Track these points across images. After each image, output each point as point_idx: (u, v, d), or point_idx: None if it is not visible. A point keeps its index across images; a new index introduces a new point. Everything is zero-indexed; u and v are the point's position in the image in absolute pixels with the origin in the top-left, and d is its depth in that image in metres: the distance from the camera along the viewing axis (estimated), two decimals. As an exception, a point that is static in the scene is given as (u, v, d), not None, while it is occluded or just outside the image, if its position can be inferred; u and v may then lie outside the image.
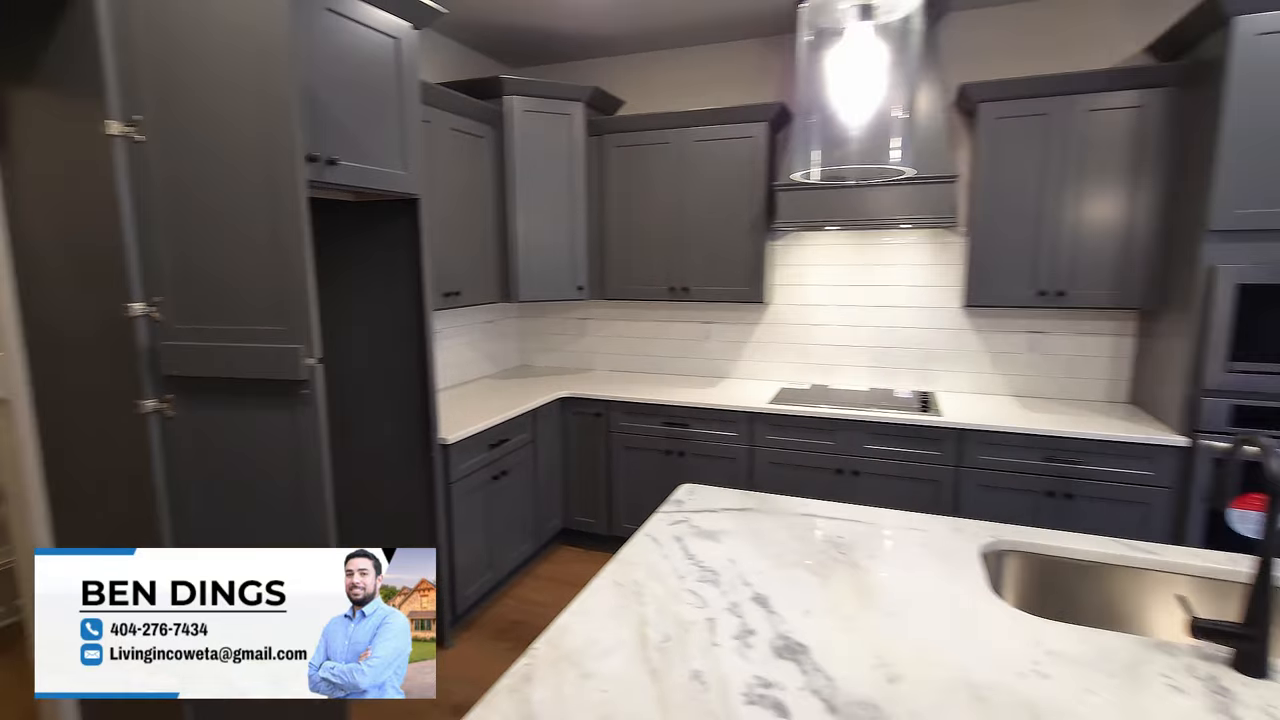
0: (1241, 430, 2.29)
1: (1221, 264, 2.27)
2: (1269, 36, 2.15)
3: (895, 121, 0.97)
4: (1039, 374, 3.05)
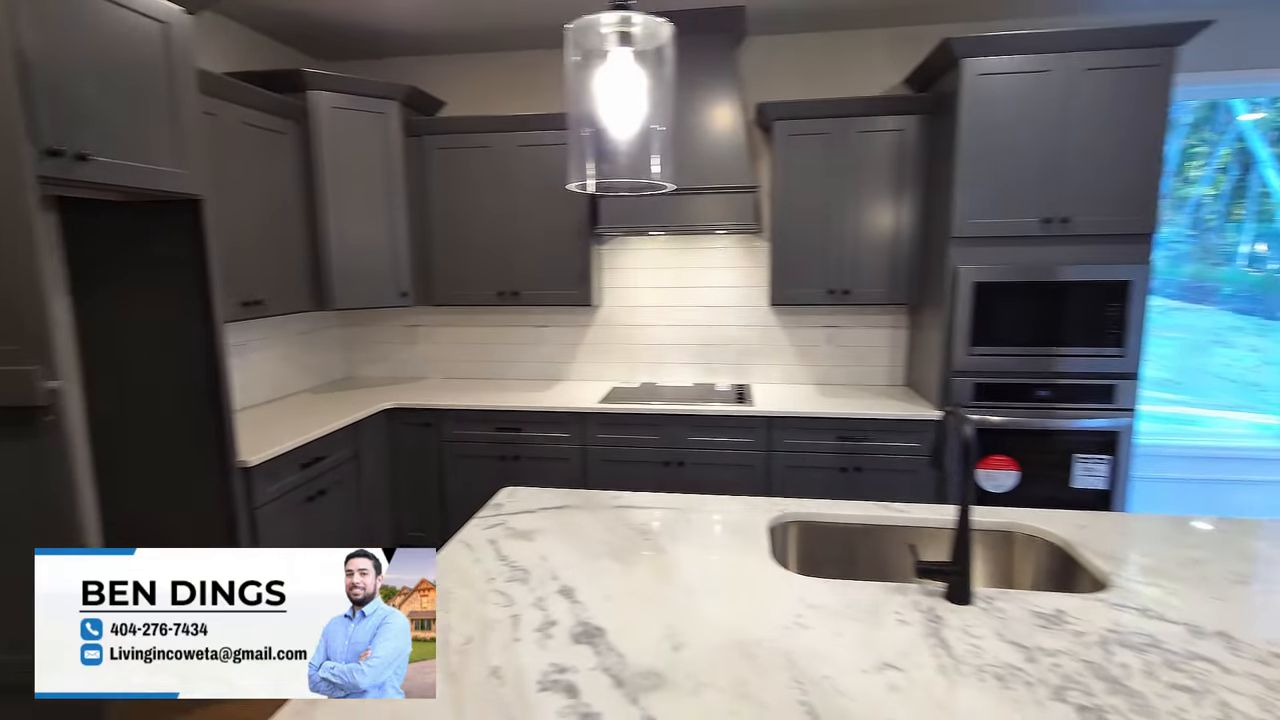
0: (982, 404, 2.76)
1: (962, 265, 2.71)
2: (988, 76, 2.61)
3: (656, 139, 1.06)
4: (835, 364, 3.44)
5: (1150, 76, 2.52)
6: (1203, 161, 3.69)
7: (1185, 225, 3.71)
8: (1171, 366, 3.72)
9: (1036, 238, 2.66)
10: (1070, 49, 2.54)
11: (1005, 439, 2.76)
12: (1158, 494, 3.33)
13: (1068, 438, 2.72)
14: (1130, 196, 2.58)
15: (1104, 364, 2.67)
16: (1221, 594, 1.28)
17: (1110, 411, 2.68)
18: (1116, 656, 1.07)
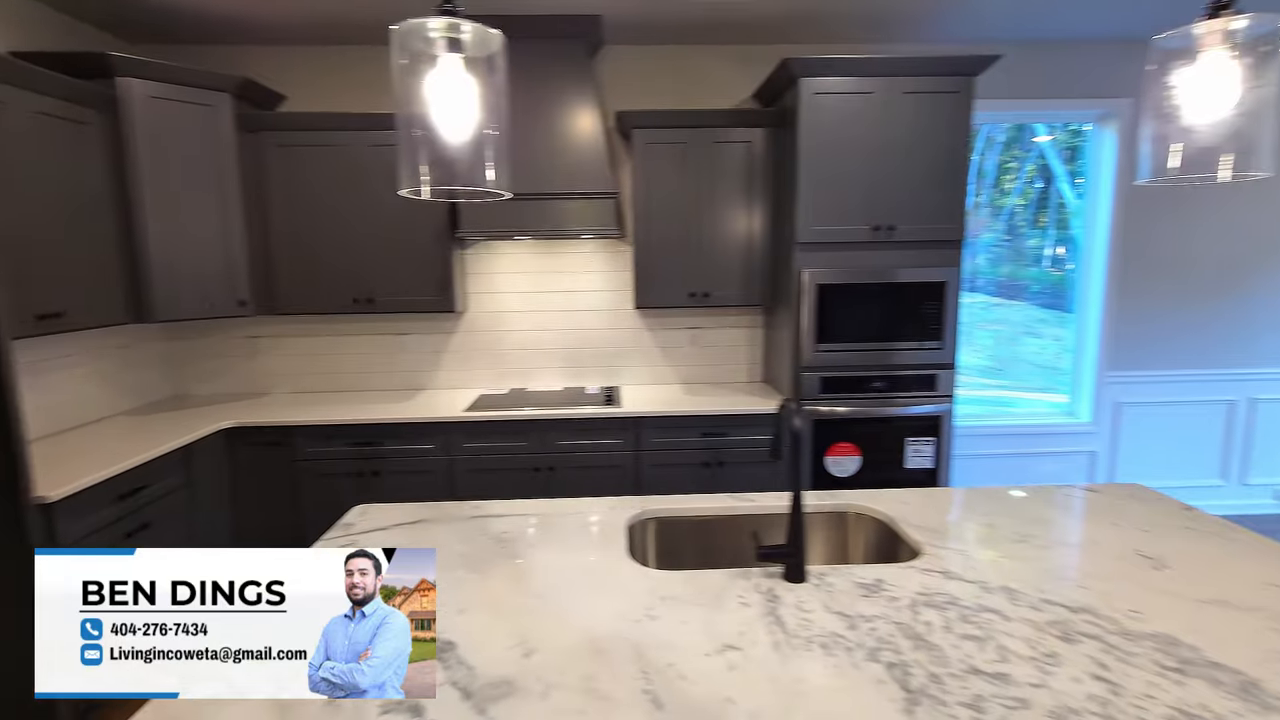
0: (828, 396, 2.99)
1: (806, 269, 2.92)
2: (822, 95, 2.84)
3: (489, 146, 1.06)
4: (699, 363, 3.58)
5: (954, 101, 2.86)
6: (1014, 176, 4.23)
7: (1002, 231, 4.24)
8: (992, 355, 4.23)
9: (868, 243, 2.93)
10: (890, 74, 2.82)
11: (849, 427, 3.01)
12: (976, 469, 3.77)
13: (900, 423, 3.02)
14: (942, 207, 2.91)
15: (927, 356, 2.99)
16: (1008, 553, 1.48)
17: (934, 398, 3.00)
18: (922, 616, 1.21)
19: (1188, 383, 3.78)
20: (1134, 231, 3.65)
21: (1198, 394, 3.80)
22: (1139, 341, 3.75)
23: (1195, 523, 1.62)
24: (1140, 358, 3.76)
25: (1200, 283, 3.71)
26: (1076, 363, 3.87)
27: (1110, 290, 3.70)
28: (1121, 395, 3.79)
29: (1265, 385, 3.80)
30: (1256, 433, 3.84)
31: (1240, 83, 1.10)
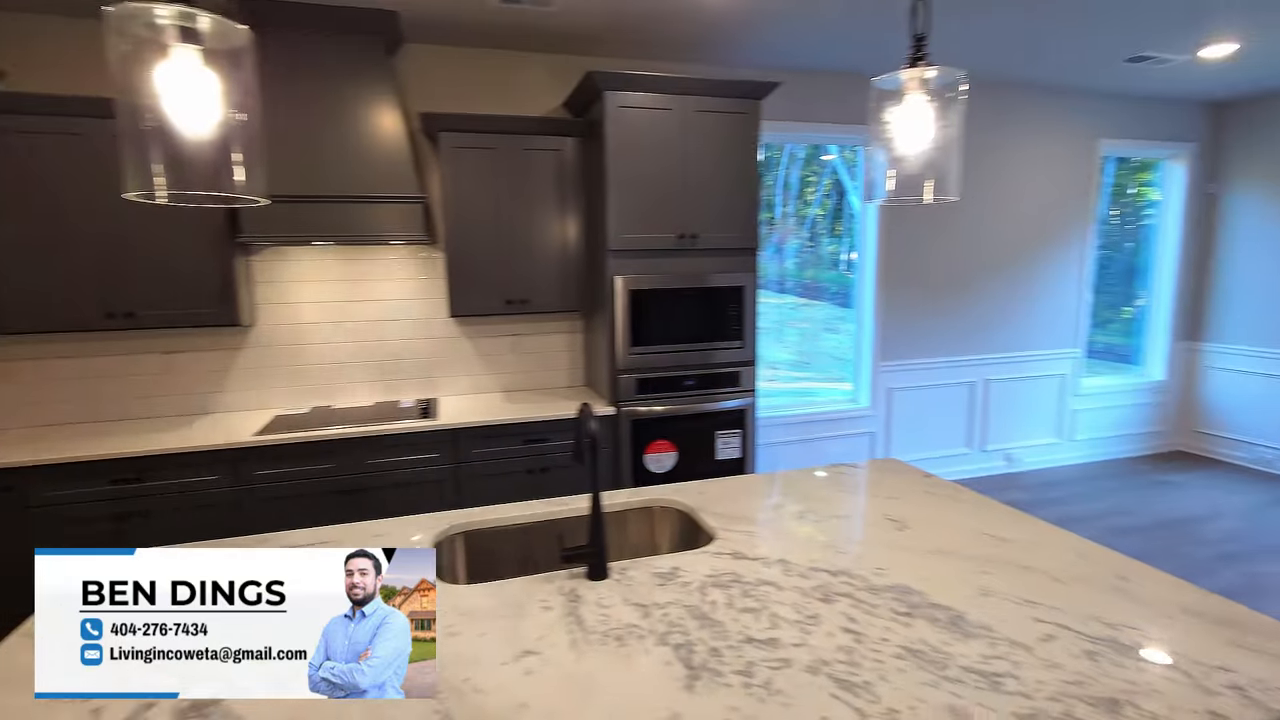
0: (645, 396, 3.12)
1: (618, 275, 3.03)
2: (626, 109, 2.96)
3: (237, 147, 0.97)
4: (521, 370, 3.56)
5: (744, 121, 3.13)
6: (814, 189, 4.69)
7: (806, 238, 4.70)
8: (799, 350, 4.67)
9: (674, 250, 3.11)
10: (687, 92, 3.02)
11: (666, 425, 3.17)
12: (779, 455, 4.16)
13: (711, 419, 3.23)
14: (738, 218, 3.17)
15: (731, 354, 3.23)
16: (787, 529, 1.66)
17: (738, 394, 3.26)
18: (709, 596, 1.31)
19: (939, 369, 4.48)
20: (894, 242, 4.25)
21: (947, 378, 4.52)
22: (902, 336, 4.37)
23: (932, 488, 1.92)
24: (904, 349, 4.39)
25: (943, 285, 4.42)
26: (857, 355, 4.42)
27: (879, 292, 4.27)
28: (892, 382, 4.39)
29: (994, 367, 4.62)
30: (990, 408, 4.65)
31: (933, 122, 1.33)
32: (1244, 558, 3.37)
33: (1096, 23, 3.18)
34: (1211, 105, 4.81)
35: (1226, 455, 4.89)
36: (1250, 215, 4.72)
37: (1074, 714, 0.96)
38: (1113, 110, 4.59)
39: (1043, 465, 4.82)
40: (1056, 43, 3.46)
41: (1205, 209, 4.95)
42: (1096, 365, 5.25)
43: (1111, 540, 3.61)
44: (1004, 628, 1.18)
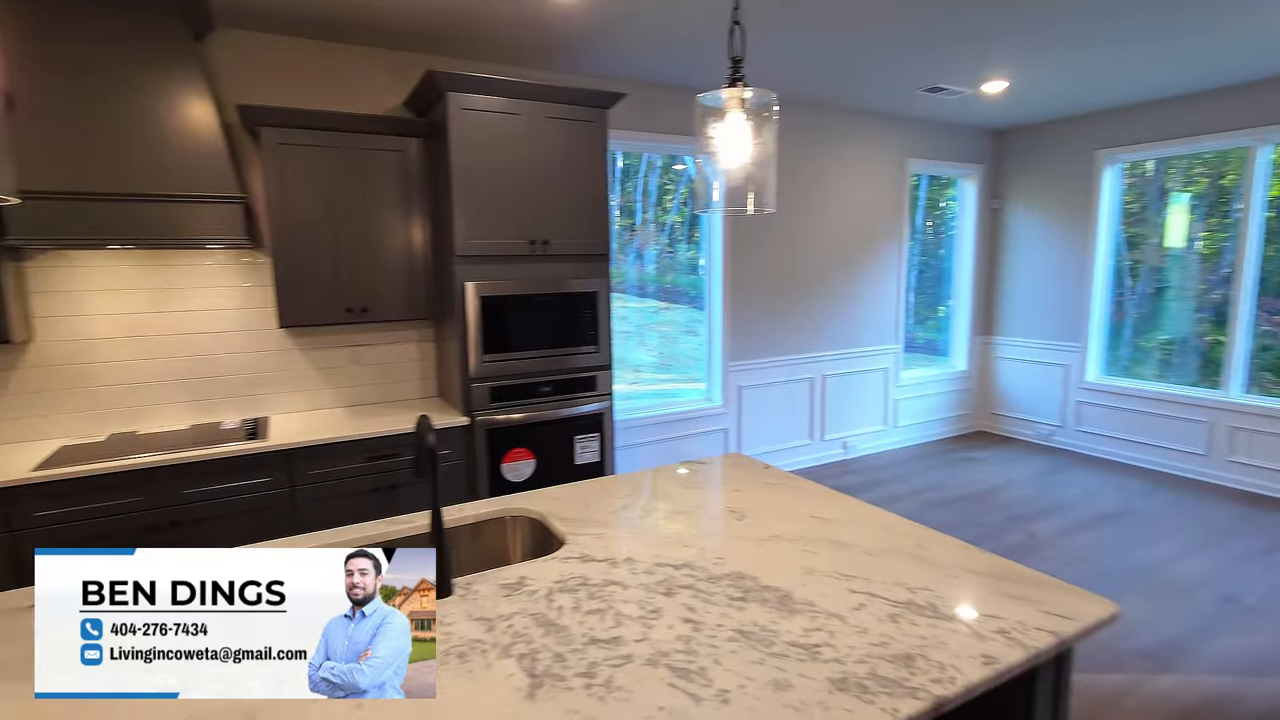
0: (500, 405, 3.06)
1: (468, 281, 2.95)
2: (470, 112, 2.89)
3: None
4: (365, 383, 3.35)
5: (592, 130, 3.17)
6: (672, 195, 4.82)
7: (664, 243, 4.83)
8: (660, 352, 4.80)
9: (526, 257, 3.08)
10: (534, 98, 3.01)
11: (524, 433, 3.13)
12: (639, 455, 4.26)
13: (569, 424, 3.24)
14: (589, 225, 3.21)
15: (586, 359, 3.26)
16: (635, 528, 1.70)
17: (595, 398, 3.30)
18: (556, 601, 1.31)
19: (783, 367, 4.83)
20: (739, 249, 4.51)
21: (790, 375, 4.87)
22: (749, 336, 4.65)
23: (770, 478, 2.06)
24: (751, 349, 4.67)
25: (783, 289, 4.76)
26: (708, 356, 4.64)
27: (727, 296, 4.52)
28: (741, 380, 4.65)
29: (829, 364, 5.05)
30: (828, 401, 5.08)
31: (751, 139, 1.43)
32: (1026, 519, 3.95)
33: (899, 58, 3.59)
34: (994, 132, 5.61)
35: (1016, 433, 5.71)
36: (1024, 226, 5.55)
37: (878, 672, 1.07)
38: (918, 133, 5.20)
39: (873, 450, 5.35)
40: (866, 72, 3.86)
41: (992, 221, 5.76)
42: (918, 358, 5.92)
43: (928, 513, 4.10)
44: (824, 601, 1.29)
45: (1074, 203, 5.16)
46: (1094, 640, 2.62)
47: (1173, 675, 2.46)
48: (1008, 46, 3.47)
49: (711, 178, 1.50)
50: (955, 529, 3.81)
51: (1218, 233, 4.63)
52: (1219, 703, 2.31)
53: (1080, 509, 4.09)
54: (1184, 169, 4.82)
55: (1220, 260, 4.57)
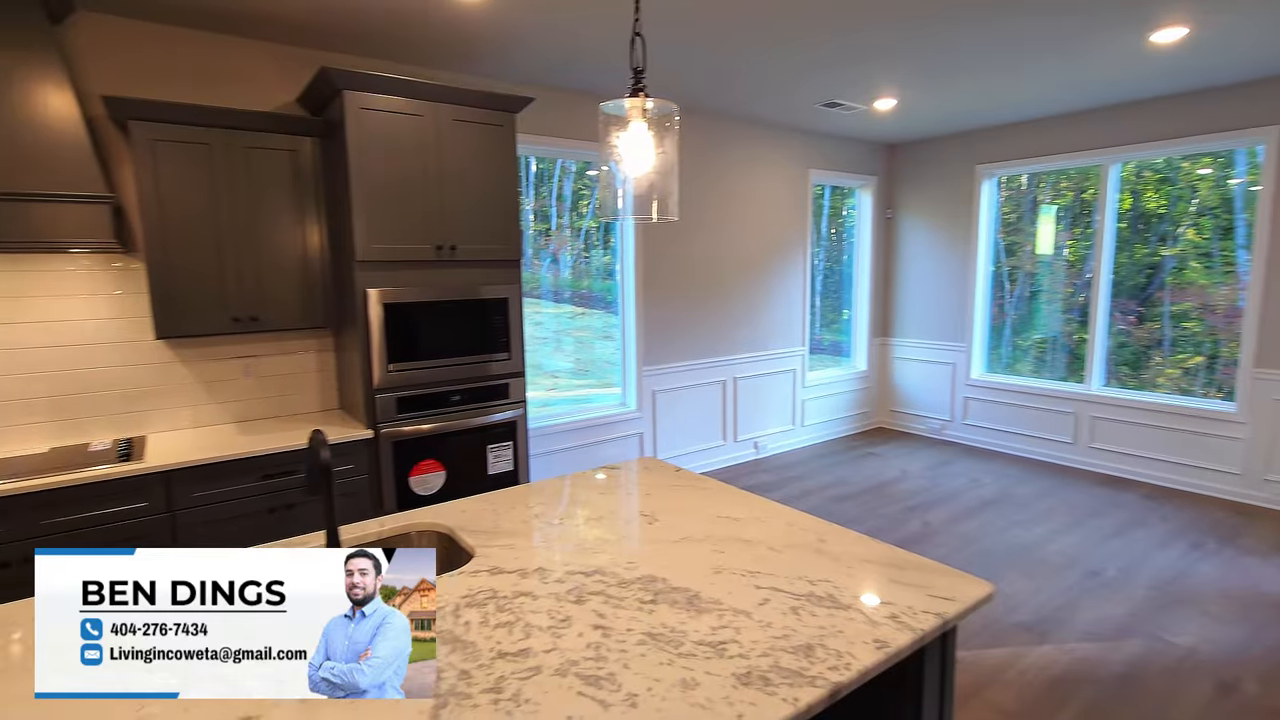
0: (408, 415, 2.95)
1: (371, 288, 2.83)
2: (371, 112, 2.78)
3: None
4: (258, 396, 3.14)
5: (500, 134, 3.13)
6: (588, 200, 4.80)
7: (580, 248, 4.80)
8: (577, 358, 4.77)
9: (433, 262, 2.99)
10: (439, 100, 2.93)
11: (433, 444, 3.03)
12: (554, 463, 4.22)
13: (481, 433, 3.17)
14: (499, 230, 3.16)
15: (499, 366, 3.20)
16: (547, 537, 1.69)
17: (508, 405, 3.24)
18: (463, 617, 1.28)
19: (696, 370, 4.93)
20: (651, 254, 4.57)
21: (703, 378, 4.98)
22: (662, 341, 4.72)
23: (682, 481, 2.10)
24: (664, 353, 4.74)
25: (695, 294, 4.87)
26: (623, 361, 4.67)
27: (640, 301, 4.56)
28: (656, 384, 4.71)
29: (740, 366, 5.20)
30: (739, 402, 5.23)
31: (654, 148, 1.46)
32: (922, 509, 4.22)
33: (798, 77, 3.75)
34: (887, 146, 5.97)
35: (911, 428, 6.08)
36: (915, 235, 5.94)
37: (780, 664, 1.11)
38: (819, 145, 5.47)
39: (783, 449, 5.55)
40: (769, 88, 4.02)
41: (886, 230, 6.12)
42: (825, 360, 6.20)
43: (833, 507, 4.30)
44: (730, 599, 1.33)
45: (957, 213, 5.58)
46: (978, 618, 2.84)
47: (1047, 645, 2.70)
48: (894, 70, 3.71)
49: (616, 185, 1.51)
50: (858, 521, 4.03)
51: (1081, 241, 5.12)
52: (1086, 666, 2.55)
53: (967, 496, 4.41)
54: (1052, 183, 5.31)
55: (1084, 266, 5.07)
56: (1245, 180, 4.32)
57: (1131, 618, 2.90)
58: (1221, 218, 4.56)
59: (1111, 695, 2.39)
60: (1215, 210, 4.59)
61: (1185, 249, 4.73)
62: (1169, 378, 4.82)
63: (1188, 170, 4.68)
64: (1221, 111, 4.12)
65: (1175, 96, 4.28)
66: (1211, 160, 4.50)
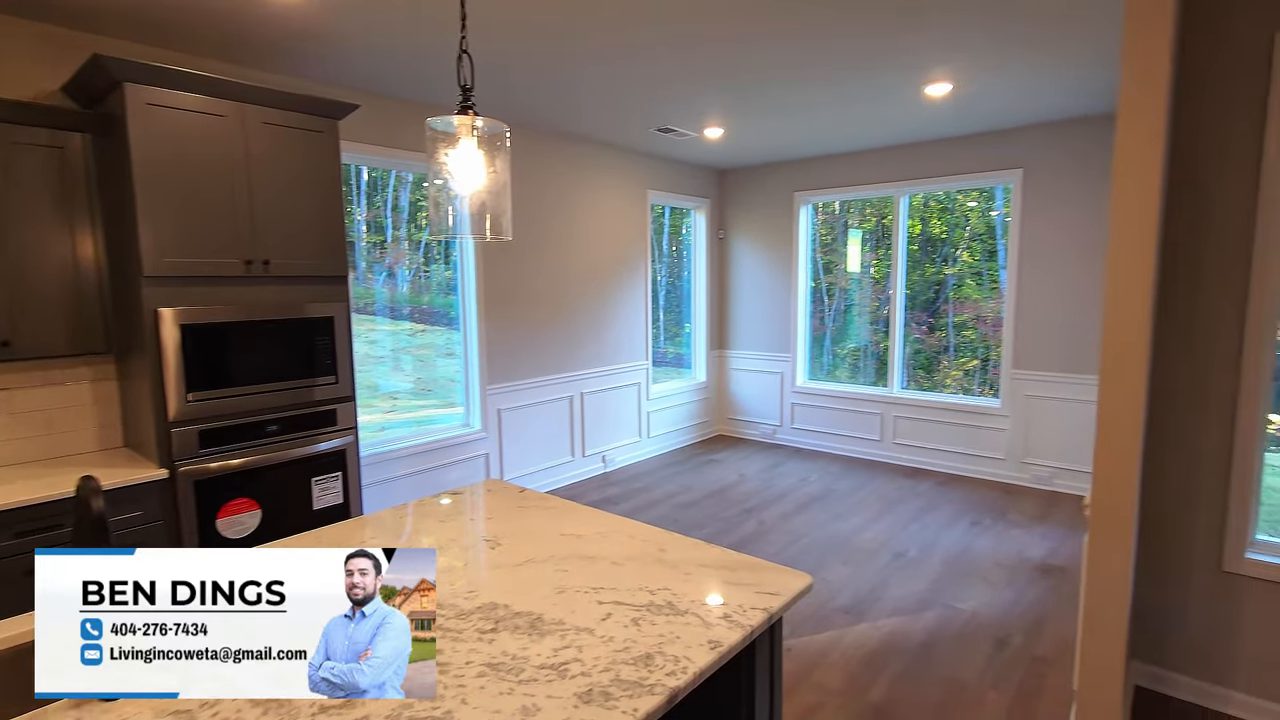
0: (213, 450, 2.62)
1: (163, 307, 2.49)
2: (160, 108, 2.46)
3: None
4: (15, 437, 2.62)
5: (321, 141, 2.91)
6: (426, 211, 4.55)
7: (420, 262, 4.54)
8: (417, 378, 4.50)
9: (243, 278, 2.70)
10: (245, 100, 2.66)
11: (246, 480, 2.71)
12: (392, 491, 3.97)
13: (304, 464, 2.90)
14: (321, 243, 2.92)
15: (324, 391, 2.96)
16: (379, 573, 1.58)
17: (336, 433, 3.00)
18: (278, 673, 1.15)
19: (542, 387, 4.90)
20: (493, 269, 4.49)
21: (549, 395, 4.96)
22: (507, 358, 4.63)
23: (526, 501, 2.07)
24: (509, 371, 4.66)
25: (540, 309, 4.85)
26: (466, 379, 4.51)
27: (483, 317, 4.45)
28: (501, 403, 4.61)
29: (587, 382, 5.26)
30: (586, 417, 5.27)
31: (484, 167, 1.44)
32: (757, 509, 4.53)
33: (632, 103, 3.91)
34: (719, 171, 6.39)
35: (747, 434, 6.51)
36: (745, 254, 6.41)
37: (621, 677, 1.13)
38: (656, 168, 5.71)
39: (630, 461, 5.68)
40: (605, 112, 4.14)
41: (720, 249, 6.54)
42: (669, 372, 6.44)
43: (678, 514, 4.47)
44: (573, 618, 1.33)
45: (780, 235, 6.10)
46: (806, 606, 3.09)
47: (863, 624, 3.01)
48: (717, 106, 4.00)
49: (445, 203, 1.47)
50: (700, 526, 4.22)
51: (883, 261, 5.83)
52: (895, 639, 2.88)
53: (796, 494, 4.81)
54: (859, 210, 6.00)
55: (886, 283, 5.76)
56: (1003, 211, 5.20)
57: (930, 591, 3.32)
58: (987, 243, 5.47)
59: (916, 662, 2.71)
60: (982, 236, 5.49)
61: (962, 268, 5.60)
62: (954, 378, 5.64)
63: (961, 202, 5.55)
64: (983, 155, 4.92)
65: (950, 139, 5.04)
66: (978, 194, 5.37)
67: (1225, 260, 2.25)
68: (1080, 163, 4.51)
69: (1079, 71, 3.46)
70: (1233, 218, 2.23)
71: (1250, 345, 2.22)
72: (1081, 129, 4.48)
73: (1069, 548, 3.83)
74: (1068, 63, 3.32)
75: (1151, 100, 1.77)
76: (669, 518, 4.38)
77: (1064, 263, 4.65)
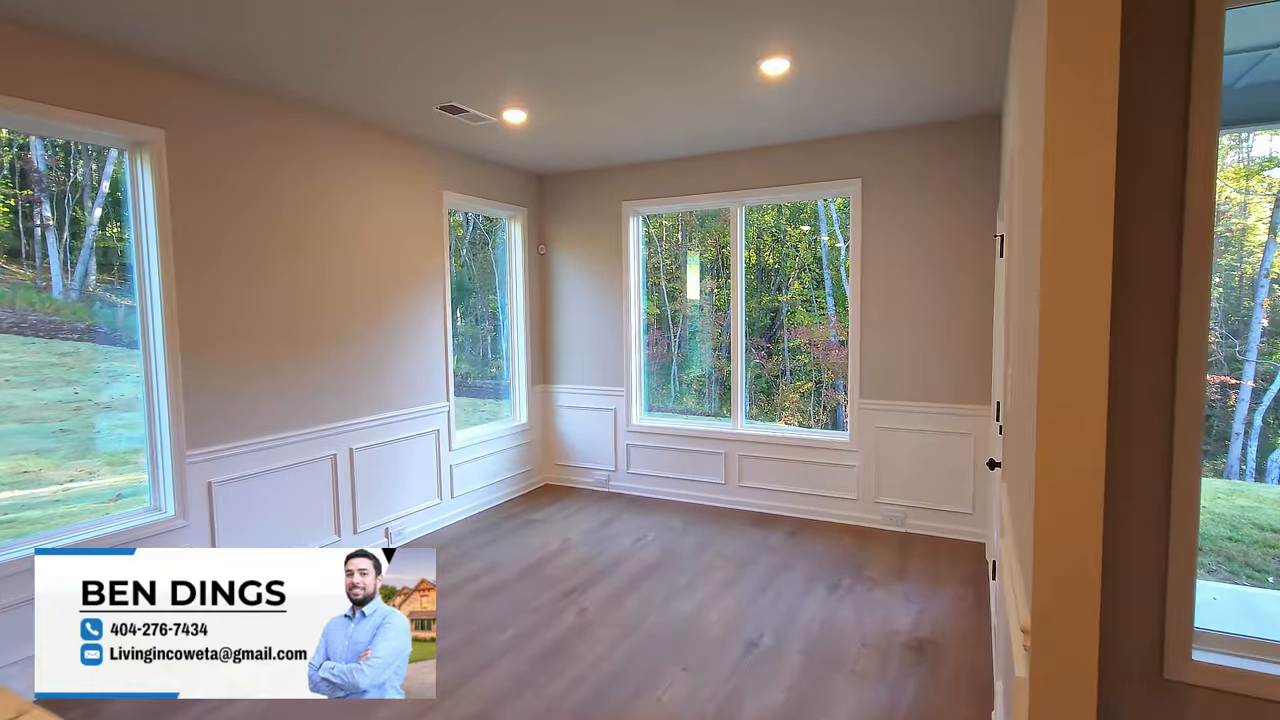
0: None
1: None
2: None
3: None
4: None
5: None
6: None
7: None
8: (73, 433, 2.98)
9: None
10: None
11: None
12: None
13: None
14: None
15: None
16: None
17: None
18: None
19: (286, 446, 3.57)
20: (198, 292, 3.15)
21: (298, 455, 3.64)
22: (224, 410, 3.28)
23: None
24: (228, 429, 3.31)
25: (279, 346, 3.54)
26: (152, 445, 3.10)
27: (174, 354, 3.07)
28: (211, 473, 3.24)
29: (360, 434, 4.00)
30: (359, 480, 4.00)
31: None
32: (580, 589, 3.56)
33: (394, 67, 2.86)
34: (537, 175, 5.47)
35: (578, 481, 5.56)
36: (570, 273, 5.51)
37: None
38: (456, 165, 4.66)
39: (427, 531, 4.47)
40: (371, 75, 3.05)
41: (541, 267, 5.59)
42: (479, 414, 5.32)
43: (478, 606, 3.33)
44: None
45: (610, 252, 5.29)
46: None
47: (710, 780, 2.12)
48: (512, 80, 3.07)
49: None
50: (505, 624, 3.16)
51: (723, 289, 5.24)
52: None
53: (630, 564, 3.91)
54: (699, 238, 5.48)
55: (727, 310, 5.15)
56: (826, 240, 5.00)
57: (792, 702, 2.53)
58: (815, 272, 5.28)
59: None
60: (810, 266, 5.29)
61: (794, 296, 5.31)
62: (792, 402, 5.21)
63: (790, 233, 5.28)
64: (822, 164, 4.44)
65: (788, 145, 4.52)
66: (806, 220, 5.08)
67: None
68: (919, 171, 4.15)
69: (915, 62, 2.97)
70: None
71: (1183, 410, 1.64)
72: (919, 137, 4.13)
73: (934, 609, 3.28)
74: (908, 55, 2.81)
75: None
76: (465, 611, 3.28)
77: (910, 279, 4.25)
